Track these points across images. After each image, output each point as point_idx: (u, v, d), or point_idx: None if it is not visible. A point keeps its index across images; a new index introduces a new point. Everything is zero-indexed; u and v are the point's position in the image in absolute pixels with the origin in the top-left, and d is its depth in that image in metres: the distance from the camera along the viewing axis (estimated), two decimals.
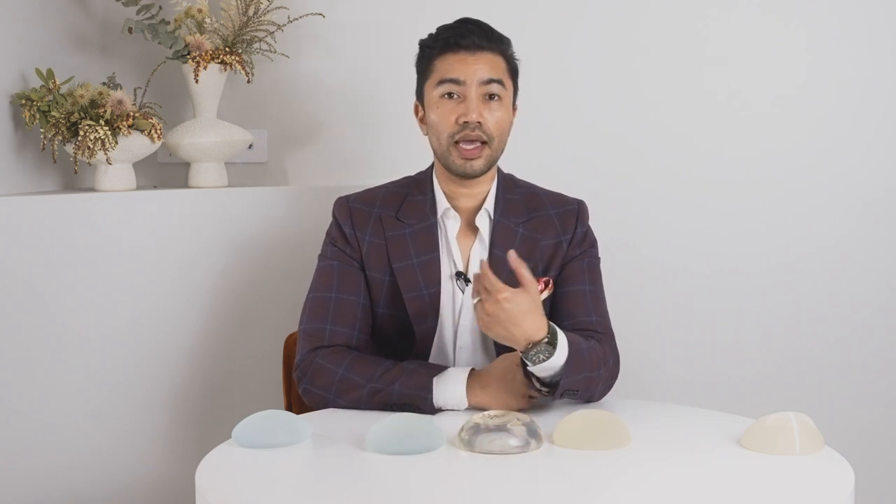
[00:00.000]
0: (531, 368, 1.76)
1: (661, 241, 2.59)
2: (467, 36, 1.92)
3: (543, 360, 1.74)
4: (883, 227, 2.56)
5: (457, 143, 1.91)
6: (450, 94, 1.92)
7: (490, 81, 1.91)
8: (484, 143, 1.91)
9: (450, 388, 1.80)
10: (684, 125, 2.58)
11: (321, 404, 1.88)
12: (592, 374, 1.83)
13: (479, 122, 1.90)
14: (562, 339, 1.76)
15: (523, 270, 1.72)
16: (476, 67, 1.91)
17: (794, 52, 2.56)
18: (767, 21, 2.55)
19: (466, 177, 1.94)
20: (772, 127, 2.56)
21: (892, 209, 2.56)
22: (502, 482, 1.50)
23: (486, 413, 1.64)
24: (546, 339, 1.74)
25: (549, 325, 1.75)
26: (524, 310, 1.72)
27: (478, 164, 1.92)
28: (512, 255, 1.73)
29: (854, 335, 2.58)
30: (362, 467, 1.57)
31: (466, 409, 1.81)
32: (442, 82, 1.92)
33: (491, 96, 1.92)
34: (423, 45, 1.98)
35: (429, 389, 1.80)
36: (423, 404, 1.80)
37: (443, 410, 1.82)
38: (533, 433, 1.62)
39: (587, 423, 1.65)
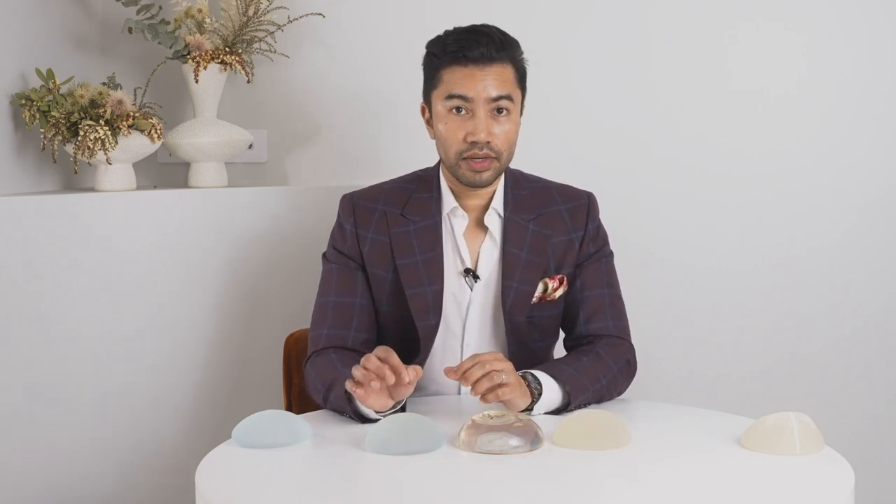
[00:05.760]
0: (539, 404, 1.81)
1: (662, 239, 2.58)
2: (476, 48, 1.87)
3: (540, 387, 1.80)
4: (884, 227, 2.56)
5: (465, 158, 1.90)
6: (457, 109, 1.89)
7: (499, 98, 1.88)
8: (493, 157, 1.91)
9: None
10: (684, 124, 2.57)
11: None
12: (597, 385, 1.87)
13: (487, 141, 1.88)
14: (546, 379, 1.82)
15: (464, 371, 1.73)
16: (485, 84, 1.87)
17: (794, 51, 2.56)
18: (768, 20, 2.55)
19: (475, 187, 1.94)
20: (772, 126, 2.56)
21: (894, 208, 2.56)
22: (502, 482, 1.50)
23: (486, 413, 1.65)
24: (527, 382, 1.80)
25: (525, 375, 1.81)
26: (511, 367, 1.76)
27: (486, 176, 1.91)
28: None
29: (854, 335, 2.58)
30: (362, 467, 1.57)
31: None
32: (450, 97, 1.89)
33: (499, 110, 1.89)
34: (431, 52, 1.94)
35: (347, 400, 1.77)
36: (351, 414, 1.77)
37: (376, 419, 1.76)
38: (533, 433, 1.62)
39: (587, 423, 1.65)
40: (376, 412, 1.75)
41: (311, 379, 1.90)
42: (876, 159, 2.55)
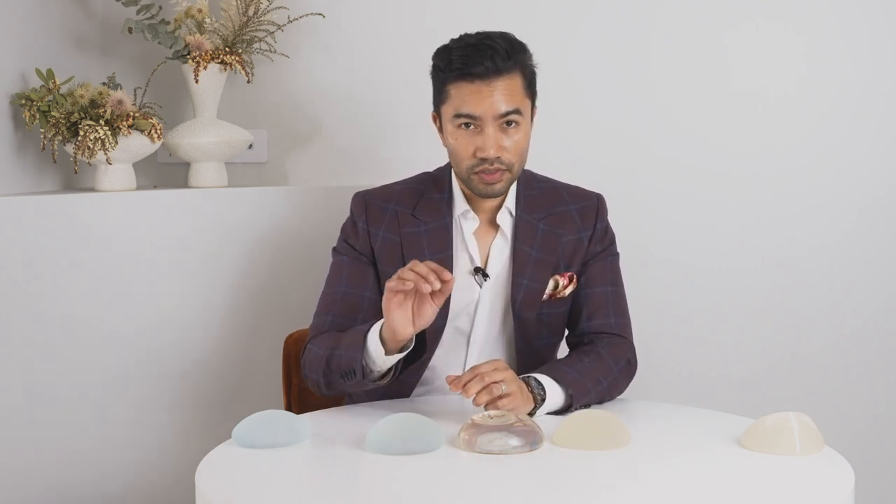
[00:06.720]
0: (542, 409, 1.80)
1: (662, 239, 2.58)
2: (480, 63, 1.83)
3: (543, 393, 1.79)
4: (884, 227, 2.56)
5: (476, 172, 1.89)
6: (466, 125, 1.87)
7: (507, 114, 1.86)
8: (504, 170, 1.89)
9: (374, 337, 1.78)
10: (684, 124, 2.57)
11: (314, 389, 1.91)
12: (599, 387, 1.87)
13: (497, 157, 1.87)
14: (549, 383, 1.82)
15: (465, 384, 1.73)
16: (492, 100, 1.84)
17: (794, 51, 2.56)
18: (768, 20, 2.55)
19: (487, 197, 1.94)
20: (772, 126, 2.56)
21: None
22: (502, 482, 1.50)
23: (486, 413, 1.65)
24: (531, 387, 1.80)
25: (528, 379, 1.81)
26: (513, 375, 1.76)
27: (499, 187, 1.91)
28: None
29: (854, 335, 2.58)
30: (362, 467, 1.57)
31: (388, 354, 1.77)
32: (458, 116, 1.87)
33: (508, 122, 1.87)
34: (437, 66, 1.91)
35: (357, 349, 1.78)
36: (358, 368, 1.78)
37: (384, 380, 1.79)
38: (533, 433, 1.62)
39: (587, 423, 1.65)
40: (386, 353, 1.74)
41: (312, 354, 1.88)
42: (876, 159, 2.55)
